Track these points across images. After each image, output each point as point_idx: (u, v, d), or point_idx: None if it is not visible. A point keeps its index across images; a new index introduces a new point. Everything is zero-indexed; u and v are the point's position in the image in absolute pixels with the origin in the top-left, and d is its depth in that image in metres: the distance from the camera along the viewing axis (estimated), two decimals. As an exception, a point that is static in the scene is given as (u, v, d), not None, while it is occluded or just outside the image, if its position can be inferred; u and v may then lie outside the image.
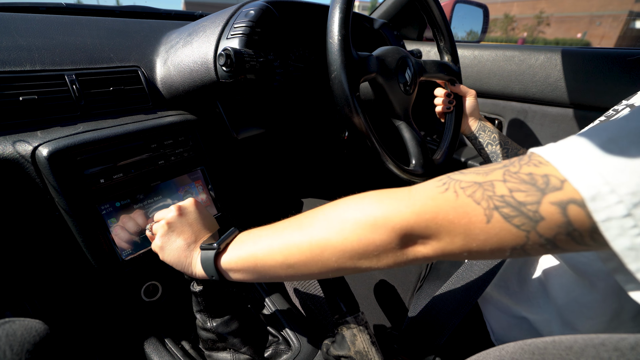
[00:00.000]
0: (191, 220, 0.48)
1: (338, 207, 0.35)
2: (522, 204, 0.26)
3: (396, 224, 0.31)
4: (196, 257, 0.45)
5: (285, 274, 0.38)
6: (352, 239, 0.33)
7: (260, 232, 0.41)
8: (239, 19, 0.62)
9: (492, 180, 0.28)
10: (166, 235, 0.46)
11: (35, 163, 0.50)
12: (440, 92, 0.83)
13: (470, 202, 0.28)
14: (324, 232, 0.34)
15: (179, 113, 0.68)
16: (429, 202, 0.30)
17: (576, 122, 0.92)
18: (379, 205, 0.32)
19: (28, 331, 0.35)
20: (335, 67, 0.51)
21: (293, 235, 0.37)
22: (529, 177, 0.26)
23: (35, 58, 0.57)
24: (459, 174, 0.31)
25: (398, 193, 0.33)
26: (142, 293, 0.64)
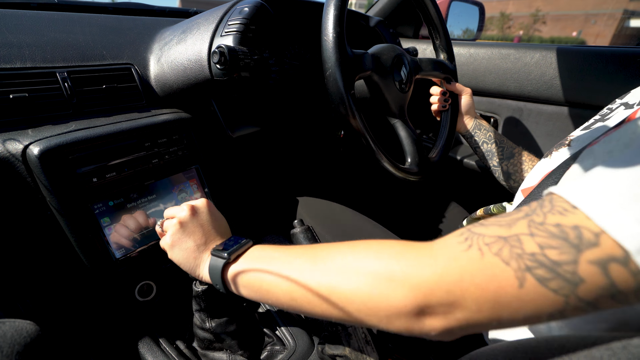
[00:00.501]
0: (203, 221, 0.46)
1: (355, 251, 0.33)
2: (557, 263, 0.23)
3: (415, 284, 0.27)
4: (205, 261, 0.44)
5: (288, 305, 0.36)
6: (363, 290, 0.29)
7: (272, 254, 0.39)
8: (233, 16, 0.62)
9: (517, 234, 0.25)
10: (177, 234, 0.45)
11: (26, 162, 0.49)
12: (436, 90, 0.83)
13: (497, 262, 0.25)
14: (335, 275, 0.32)
15: (173, 111, 0.67)
16: (452, 263, 0.26)
17: (571, 120, 0.92)
18: (398, 260, 0.29)
19: (18, 332, 0.35)
20: (330, 64, 0.50)
21: (303, 268, 0.34)
22: (557, 229, 0.23)
23: (25, 55, 0.56)
24: (480, 226, 0.28)
25: (420, 249, 0.29)
26: (136, 293, 0.63)
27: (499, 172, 0.78)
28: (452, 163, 1.13)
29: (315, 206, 0.86)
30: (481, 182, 1.08)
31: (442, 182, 1.22)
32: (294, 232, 0.61)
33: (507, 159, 0.76)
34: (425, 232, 1.07)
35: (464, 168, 1.10)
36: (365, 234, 0.77)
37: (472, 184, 1.16)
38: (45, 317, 0.60)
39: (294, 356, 0.58)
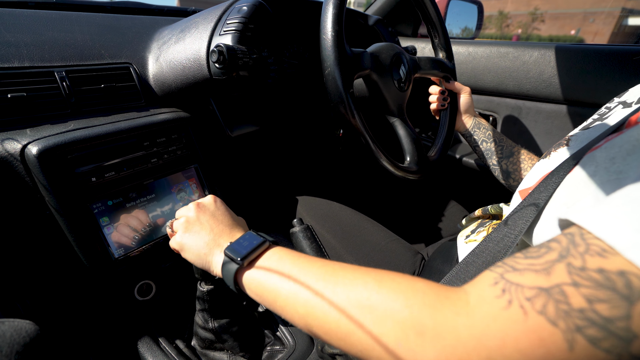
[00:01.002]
0: (210, 217, 0.45)
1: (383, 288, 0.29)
2: (609, 320, 0.20)
3: (449, 344, 0.24)
4: (217, 257, 0.42)
5: (303, 328, 0.33)
6: (388, 339, 0.26)
7: (290, 267, 0.36)
8: (231, 15, 0.62)
9: (559, 285, 0.22)
10: (185, 233, 0.44)
11: (24, 161, 0.49)
12: (435, 89, 0.83)
13: (543, 323, 0.22)
14: (358, 313, 0.28)
15: (171, 110, 0.67)
16: (492, 324, 0.23)
17: (569, 118, 0.92)
18: (431, 312, 0.26)
19: (17, 332, 0.35)
20: (329, 63, 0.50)
21: (323, 294, 0.31)
22: (602, 276, 0.21)
23: (23, 54, 0.56)
24: (514, 272, 0.25)
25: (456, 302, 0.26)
26: (136, 292, 0.63)
27: (498, 171, 0.78)
28: (451, 162, 1.13)
29: (314, 205, 0.86)
30: (480, 181, 1.08)
31: (441, 180, 1.22)
32: (293, 232, 0.61)
33: (506, 158, 0.76)
34: (424, 231, 1.07)
35: (463, 167, 1.10)
36: (365, 233, 0.77)
37: (471, 183, 1.16)
38: (45, 316, 0.60)
39: (294, 355, 0.58)
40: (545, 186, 0.39)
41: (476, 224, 0.64)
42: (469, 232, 0.62)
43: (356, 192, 1.27)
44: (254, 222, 0.51)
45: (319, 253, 0.50)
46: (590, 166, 0.35)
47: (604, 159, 0.33)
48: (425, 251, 0.78)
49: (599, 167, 0.33)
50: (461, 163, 1.10)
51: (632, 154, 0.30)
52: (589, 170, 0.34)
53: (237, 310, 0.59)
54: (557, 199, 0.36)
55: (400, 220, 1.09)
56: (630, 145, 0.31)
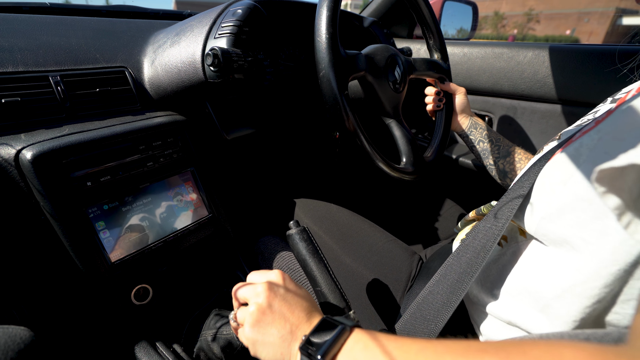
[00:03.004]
0: (281, 302, 0.37)
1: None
2: None
3: None
4: (296, 355, 0.34)
5: None
6: None
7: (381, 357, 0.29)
8: (226, 18, 0.62)
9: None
10: (256, 326, 0.36)
11: (19, 166, 0.49)
12: (430, 90, 0.83)
13: None
14: None
15: (167, 114, 0.67)
16: None
17: (564, 118, 0.93)
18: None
19: (12, 339, 0.35)
20: (324, 65, 0.50)
21: None
22: None
23: (17, 59, 0.55)
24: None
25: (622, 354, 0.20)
26: (132, 296, 0.63)
27: (495, 171, 0.78)
28: (448, 162, 1.13)
29: (311, 207, 0.86)
30: (477, 181, 1.08)
31: (438, 181, 1.22)
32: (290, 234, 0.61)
33: (503, 157, 0.77)
34: (421, 232, 1.07)
35: (459, 167, 1.10)
36: (362, 234, 0.77)
37: (468, 183, 1.16)
38: (40, 322, 0.59)
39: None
40: (528, 175, 0.40)
41: (471, 227, 0.64)
42: (464, 236, 0.62)
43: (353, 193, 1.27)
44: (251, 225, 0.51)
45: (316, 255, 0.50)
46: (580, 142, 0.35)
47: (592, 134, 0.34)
48: (424, 252, 0.78)
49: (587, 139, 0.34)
50: (458, 163, 1.10)
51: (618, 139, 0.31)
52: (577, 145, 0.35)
53: None
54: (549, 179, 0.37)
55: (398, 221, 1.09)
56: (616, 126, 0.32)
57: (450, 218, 1.08)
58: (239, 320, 0.40)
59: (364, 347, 0.30)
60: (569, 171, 0.34)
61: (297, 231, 0.61)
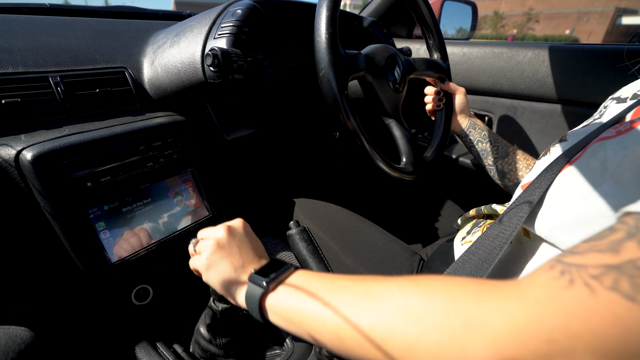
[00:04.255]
0: (240, 243, 0.43)
1: (418, 286, 0.27)
2: None
3: (501, 332, 0.22)
4: (242, 285, 0.40)
5: (334, 346, 0.31)
6: (431, 337, 0.24)
7: (316, 284, 0.34)
8: (226, 19, 0.62)
9: (632, 260, 0.20)
10: (214, 256, 0.42)
11: (19, 167, 0.49)
12: (430, 90, 0.83)
13: (617, 299, 0.20)
14: (394, 315, 0.26)
15: (167, 114, 0.67)
16: (552, 305, 0.21)
17: (564, 118, 0.93)
18: (477, 302, 0.24)
19: (13, 339, 0.35)
20: (323, 65, 0.50)
21: (354, 304, 0.29)
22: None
23: (17, 60, 0.55)
24: (573, 255, 0.23)
25: (503, 289, 0.24)
26: (133, 297, 0.63)
27: (494, 171, 0.78)
28: (448, 162, 1.13)
29: (311, 207, 0.86)
30: (476, 181, 1.08)
31: (437, 181, 1.22)
32: (290, 234, 0.61)
33: (501, 158, 0.77)
34: (421, 232, 1.07)
35: (459, 167, 1.10)
36: (362, 234, 0.77)
37: (468, 183, 1.16)
38: (41, 323, 0.59)
39: (292, 357, 0.58)
40: (539, 182, 0.39)
41: (471, 224, 0.64)
42: (465, 234, 0.62)
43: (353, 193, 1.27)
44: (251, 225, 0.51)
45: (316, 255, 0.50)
46: (601, 153, 0.34)
47: (616, 147, 0.32)
48: (424, 252, 0.78)
49: (611, 153, 0.32)
50: (457, 163, 1.10)
51: None
52: (595, 156, 0.34)
53: (244, 328, 0.59)
54: (566, 190, 0.36)
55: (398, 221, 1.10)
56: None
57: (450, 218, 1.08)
58: (197, 249, 0.45)
59: (305, 279, 0.36)
60: (590, 185, 0.33)
61: (297, 231, 0.61)
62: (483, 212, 0.61)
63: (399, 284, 0.29)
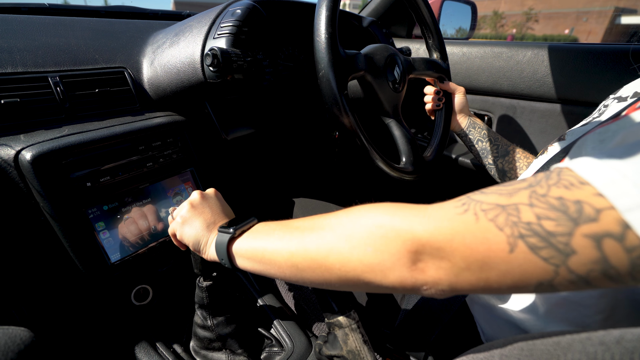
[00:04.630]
0: (211, 204, 0.49)
1: (350, 213, 0.34)
2: (552, 234, 0.23)
3: (407, 238, 0.29)
4: (212, 239, 0.45)
5: (290, 273, 0.37)
6: (359, 247, 0.31)
7: (274, 227, 0.41)
8: (225, 18, 0.62)
9: (517, 204, 0.25)
10: (187, 213, 0.47)
11: (18, 167, 0.49)
12: (430, 89, 0.83)
13: (491, 227, 0.25)
14: (332, 236, 0.33)
15: (167, 114, 0.67)
16: (445, 223, 0.28)
17: (564, 117, 0.93)
18: (391, 217, 0.31)
19: (12, 340, 0.34)
20: (323, 65, 0.50)
21: (303, 235, 0.36)
22: (558, 202, 0.24)
23: (16, 60, 0.55)
24: (480, 193, 0.28)
25: (413, 209, 0.31)
26: (132, 297, 0.63)
27: (494, 170, 0.78)
28: (447, 162, 1.13)
29: (311, 207, 0.86)
30: (476, 180, 1.08)
31: (437, 181, 1.22)
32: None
33: (501, 157, 0.77)
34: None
35: (459, 166, 1.10)
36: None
37: (468, 182, 1.16)
38: (41, 323, 0.59)
39: (292, 357, 0.58)
40: None
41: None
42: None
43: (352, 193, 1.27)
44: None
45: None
46: (581, 150, 0.36)
47: (594, 140, 0.34)
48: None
49: (589, 148, 0.34)
50: (457, 163, 1.10)
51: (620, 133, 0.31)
52: (579, 154, 0.35)
53: (235, 306, 0.59)
54: None
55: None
56: (622, 129, 0.32)
57: (449, 217, 1.08)
58: (174, 215, 0.50)
59: (266, 225, 0.43)
60: None
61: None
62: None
63: (336, 214, 0.35)
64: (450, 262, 0.27)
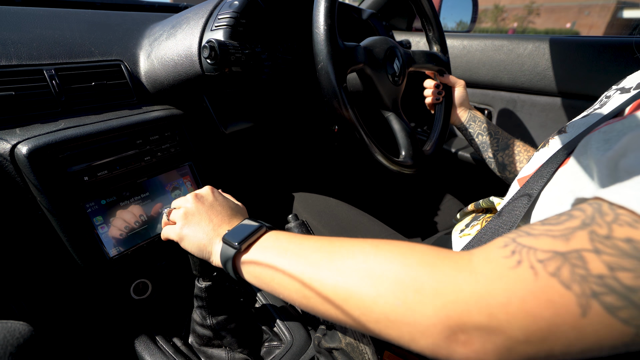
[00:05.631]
0: (208, 208, 0.45)
1: (380, 252, 0.29)
2: (632, 289, 0.19)
3: (449, 300, 0.23)
4: (216, 246, 0.42)
5: (300, 304, 0.33)
6: (385, 299, 0.26)
7: (287, 245, 0.36)
8: (223, 10, 0.61)
9: (579, 250, 0.21)
10: (185, 225, 0.44)
11: (14, 161, 0.48)
12: (430, 83, 0.82)
13: (556, 285, 0.21)
14: (354, 277, 0.28)
15: (164, 108, 0.66)
16: (497, 282, 0.22)
17: (564, 111, 0.92)
18: (430, 270, 0.25)
19: (11, 334, 0.35)
20: (322, 57, 0.50)
21: (319, 265, 0.31)
22: (629, 245, 0.20)
23: (11, 52, 0.55)
24: (527, 236, 0.24)
25: (457, 261, 0.25)
26: (132, 291, 0.63)
27: (494, 164, 0.78)
28: (447, 155, 1.13)
29: (310, 201, 0.86)
30: (476, 174, 1.08)
31: (437, 174, 1.22)
32: (288, 227, 0.61)
33: (502, 150, 0.76)
34: (420, 225, 1.07)
35: (458, 160, 1.10)
36: (361, 228, 0.77)
37: (467, 176, 1.16)
38: (40, 317, 0.59)
39: (291, 351, 0.58)
40: (540, 176, 0.39)
41: (470, 217, 0.64)
42: (463, 227, 0.62)
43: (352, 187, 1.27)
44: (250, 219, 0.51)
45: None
46: (586, 149, 0.34)
47: (598, 140, 0.33)
48: (422, 245, 0.78)
49: (593, 148, 0.32)
50: (457, 157, 1.10)
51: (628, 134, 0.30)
52: (585, 154, 0.34)
53: (235, 306, 0.59)
54: (559, 186, 0.36)
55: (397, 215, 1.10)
56: (627, 129, 0.31)
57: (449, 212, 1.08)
58: (171, 219, 0.47)
59: (275, 239, 0.38)
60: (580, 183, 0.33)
61: (296, 224, 0.61)
62: (482, 205, 0.61)
63: (362, 247, 0.30)
64: (505, 334, 0.22)
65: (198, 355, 0.60)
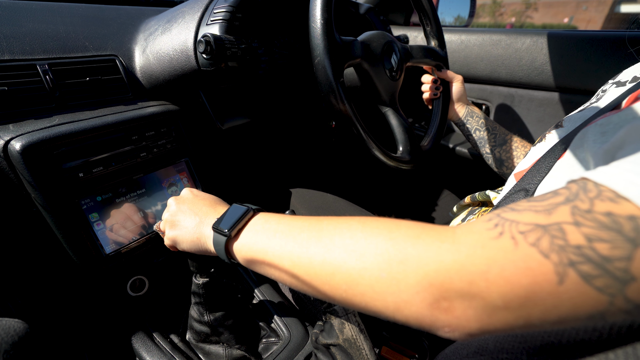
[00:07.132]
0: (190, 204, 0.45)
1: (366, 228, 0.30)
2: (607, 259, 0.20)
3: (432, 269, 0.24)
4: (208, 237, 0.42)
5: (291, 282, 0.34)
6: (371, 271, 0.27)
7: (276, 226, 0.36)
8: (218, 4, 0.60)
9: (559, 223, 0.22)
10: (173, 229, 0.45)
11: (8, 158, 0.48)
12: (427, 78, 0.82)
13: (534, 254, 0.21)
14: (341, 252, 0.29)
15: (160, 103, 0.66)
16: (478, 251, 0.23)
17: (562, 106, 0.92)
18: (414, 242, 0.26)
19: (6, 331, 0.34)
20: (318, 52, 0.49)
21: (308, 243, 0.32)
22: (608, 218, 0.21)
23: (3, 47, 0.54)
24: (511, 211, 0.25)
25: (441, 232, 0.26)
26: (128, 288, 0.63)
27: (491, 159, 0.78)
28: (444, 151, 1.13)
29: (308, 197, 0.86)
30: (473, 170, 1.08)
31: (434, 170, 1.22)
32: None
33: (499, 146, 0.76)
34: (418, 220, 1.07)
35: (456, 156, 1.10)
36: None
37: (465, 172, 1.16)
38: (35, 315, 0.59)
39: (289, 347, 0.59)
40: (536, 170, 0.39)
41: (466, 211, 0.64)
42: (460, 221, 0.62)
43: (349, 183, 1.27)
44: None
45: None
46: (582, 142, 0.34)
47: (595, 133, 0.33)
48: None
49: (590, 141, 0.33)
50: (454, 152, 1.10)
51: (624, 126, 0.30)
52: (581, 147, 0.34)
53: (232, 303, 0.59)
54: (556, 180, 0.36)
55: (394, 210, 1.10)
56: (624, 122, 0.31)
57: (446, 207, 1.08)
58: (162, 228, 0.48)
59: (264, 222, 0.38)
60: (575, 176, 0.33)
61: (293, 221, 0.61)
62: (477, 199, 0.61)
63: (348, 223, 0.31)
64: (484, 300, 0.22)
65: (195, 352, 0.60)
